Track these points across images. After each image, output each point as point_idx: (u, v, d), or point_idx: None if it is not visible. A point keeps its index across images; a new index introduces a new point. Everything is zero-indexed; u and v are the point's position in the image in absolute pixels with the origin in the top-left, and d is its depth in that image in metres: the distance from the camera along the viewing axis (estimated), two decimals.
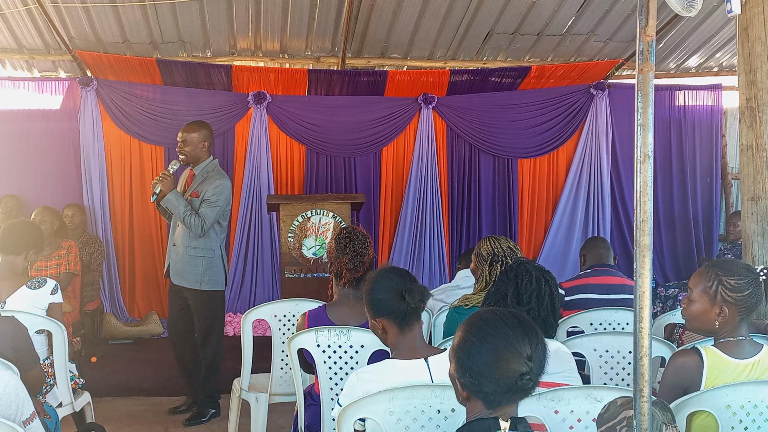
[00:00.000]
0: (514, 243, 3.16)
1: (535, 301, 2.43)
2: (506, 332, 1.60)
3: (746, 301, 2.26)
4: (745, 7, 3.45)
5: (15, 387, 2.16)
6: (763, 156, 3.45)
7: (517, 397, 1.61)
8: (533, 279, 2.46)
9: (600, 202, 7.26)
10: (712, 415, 2.12)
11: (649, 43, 1.53)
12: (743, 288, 2.26)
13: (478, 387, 1.60)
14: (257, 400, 3.67)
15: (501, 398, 1.59)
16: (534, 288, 2.44)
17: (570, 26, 6.36)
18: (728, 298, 2.27)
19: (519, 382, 1.57)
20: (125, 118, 6.72)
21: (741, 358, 2.23)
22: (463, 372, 1.63)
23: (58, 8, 5.70)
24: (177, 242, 4.36)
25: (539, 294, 2.44)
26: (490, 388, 1.58)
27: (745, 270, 2.31)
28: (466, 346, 1.64)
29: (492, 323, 1.64)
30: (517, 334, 1.60)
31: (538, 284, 2.45)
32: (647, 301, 1.54)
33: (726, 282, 2.28)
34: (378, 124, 7.06)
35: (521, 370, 1.56)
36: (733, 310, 2.27)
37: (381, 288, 2.34)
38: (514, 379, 1.56)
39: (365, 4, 5.87)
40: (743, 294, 2.26)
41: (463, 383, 1.63)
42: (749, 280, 2.27)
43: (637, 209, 1.54)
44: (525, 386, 1.57)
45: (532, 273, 2.47)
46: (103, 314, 6.34)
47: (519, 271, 2.49)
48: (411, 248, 7.09)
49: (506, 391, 1.58)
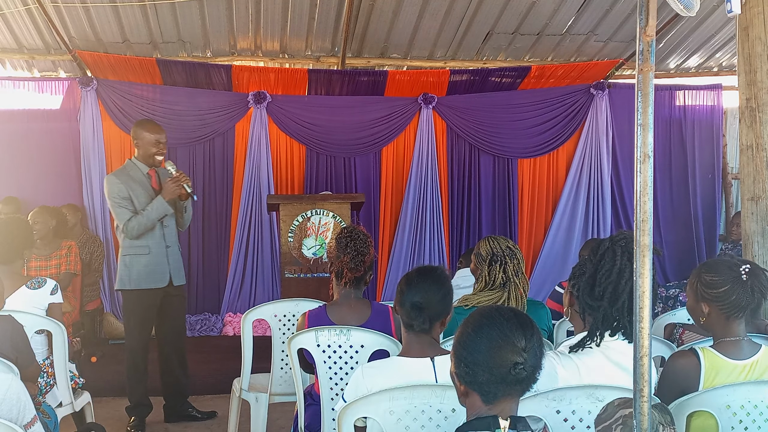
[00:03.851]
0: (513, 243, 3.15)
1: (608, 299, 2.08)
2: (501, 323, 1.63)
3: (723, 299, 2.23)
4: (745, 7, 3.45)
5: (17, 391, 2.16)
6: (763, 156, 3.45)
7: (512, 389, 1.62)
8: (614, 270, 2.08)
9: (600, 202, 7.26)
10: (711, 416, 2.12)
11: (649, 43, 1.53)
12: (718, 285, 2.24)
13: (473, 377, 1.63)
14: (257, 400, 3.67)
15: (496, 389, 1.61)
16: (612, 281, 2.08)
17: (570, 26, 6.36)
18: (705, 294, 2.27)
19: (513, 371, 1.58)
20: (125, 118, 6.72)
21: (739, 359, 2.22)
22: (458, 363, 1.66)
23: (58, 8, 5.70)
24: (171, 243, 4.34)
25: (615, 290, 2.07)
26: (484, 378, 1.60)
27: (726, 268, 2.26)
28: (462, 338, 1.67)
29: (488, 315, 1.67)
30: (511, 325, 1.62)
31: (618, 277, 2.07)
32: (647, 301, 1.54)
33: (703, 278, 2.29)
34: (378, 124, 7.06)
35: (514, 359, 1.58)
36: (713, 308, 2.26)
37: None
38: (507, 368, 1.58)
39: (365, 4, 5.87)
40: (718, 291, 2.24)
41: (459, 375, 1.66)
42: (727, 277, 2.24)
43: (637, 209, 1.54)
44: (519, 376, 1.59)
45: (616, 261, 2.07)
46: (103, 314, 6.34)
47: (604, 252, 2.12)
48: (411, 248, 7.09)
49: (500, 381, 1.60)
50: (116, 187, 4.19)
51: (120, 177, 4.23)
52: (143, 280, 4.21)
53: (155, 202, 4.21)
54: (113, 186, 4.20)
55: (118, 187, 4.19)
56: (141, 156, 4.30)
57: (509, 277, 2.98)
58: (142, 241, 4.21)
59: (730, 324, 2.26)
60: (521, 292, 2.99)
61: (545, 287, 7.12)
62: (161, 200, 4.22)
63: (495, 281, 3.00)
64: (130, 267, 4.20)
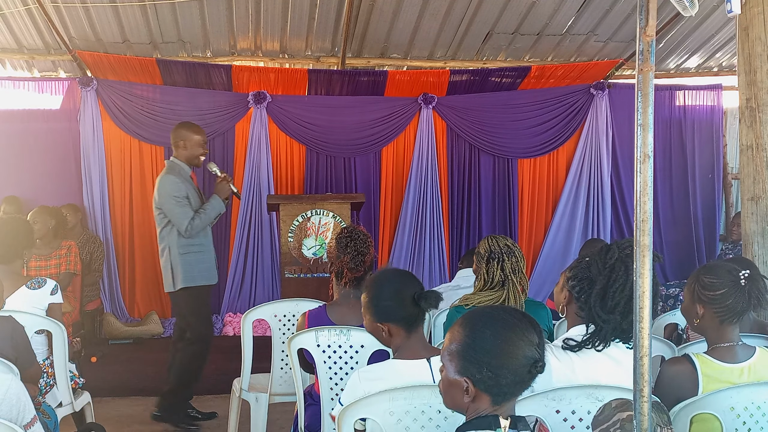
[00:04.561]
0: (513, 241, 3.15)
1: (620, 312, 2.02)
2: (514, 323, 1.62)
3: (720, 302, 2.22)
4: (745, 7, 3.45)
5: (17, 391, 2.15)
6: (763, 156, 3.45)
7: (524, 388, 1.63)
8: (627, 285, 1.99)
9: (600, 202, 7.27)
10: (714, 419, 2.11)
11: (649, 43, 1.53)
12: (716, 287, 2.23)
13: (495, 380, 1.59)
14: (257, 400, 3.67)
15: (514, 389, 1.61)
16: (626, 295, 2.00)
17: (570, 26, 6.36)
18: (702, 296, 2.26)
19: (533, 370, 1.59)
20: (125, 118, 6.72)
21: (734, 363, 2.21)
22: (479, 368, 1.60)
23: (58, 8, 5.71)
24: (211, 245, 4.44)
25: (627, 305, 1.96)
26: (508, 380, 1.59)
27: (726, 272, 2.25)
28: (478, 342, 1.62)
29: (498, 317, 1.65)
30: (523, 324, 1.62)
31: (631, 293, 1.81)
32: (647, 301, 1.53)
33: (701, 279, 2.27)
34: (378, 124, 7.06)
35: (534, 356, 1.59)
36: (708, 311, 2.25)
37: (389, 293, 2.29)
38: (528, 367, 1.59)
39: (365, 4, 5.87)
40: (716, 293, 2.22)
41: (477, 380, 1.61)
42: (726, 281, 2.22)
43: (637, 209, 1.54)
44: (538, 373, 1.59)
45: (630, 274, 1.97)
46: (103, 314, 6.35)
47: (617, 264, 2.03)
48: (411, 248, 7.10)
49: (521, 381, 1.60)
50: (177, 186, 4.19)
51: (179, 177, 4.24)
52: (204, 276, 4.30)
53: (213, 201, 4.27)
54: (175, 185, 4.19)
55: (179, 186, 4.19)
56: (185, 157, 4.32)
57: (507, 274, 2.98)
58: (197, 239, 4.26)
59: (724, 329, 2.24)
60: (520, 290, 2.99)
61: (545, 287, 7.12)
62: (218, 199, 4.28)
63: (494, 279, 3.00)
64: (193, 265, 4.25)
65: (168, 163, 4.37)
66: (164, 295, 6.88)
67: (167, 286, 4.32)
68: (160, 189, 4.21)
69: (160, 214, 4.26)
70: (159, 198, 4.22)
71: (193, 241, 4.24)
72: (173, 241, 4.24)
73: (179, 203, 4.17)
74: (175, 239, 4.23)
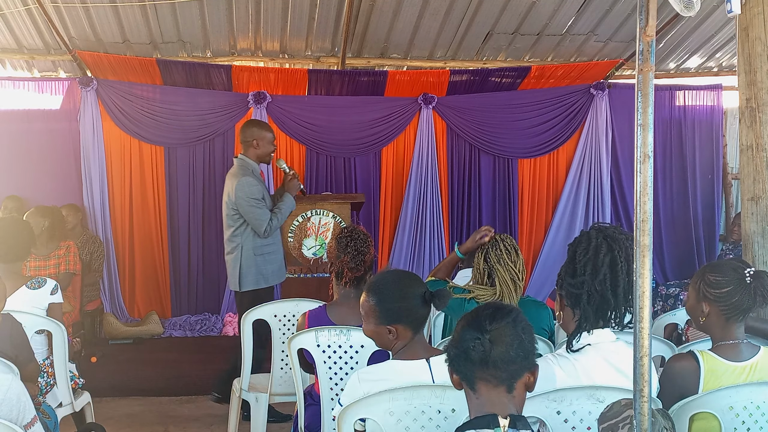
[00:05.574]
0: (505, 235, 3.14)
1: (589, 273, 2.12)
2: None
3: (725, 300, 2.23)
4: (745, 7, 3.45)
5: (17, 392, 2.15)
6: (763, 156, 3.45)
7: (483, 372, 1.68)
8: (590, 247, 2.14)
9: (600, 202, 7.27)
10: (713, 418, 2.11)
11: (649, 43, 1.53)
12: (721, 285, 2.25)
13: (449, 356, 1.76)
14: (257, 400, 3.67)
15: (466, 369, 1.70)
16: (590, 257, 2.13)
17: (570, 26, 6.36)
18: (707, 294, 2.27)
19: (471, 345, 1.68)
20: (125, 118, 6.72)
21: (738, 361, 2.22)
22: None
23: (58, 8, 5.70)
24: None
25: (594, 264, 2.11)
26: (453, 352, 1.74)
27: (731, 269, 2.27)
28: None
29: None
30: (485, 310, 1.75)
31: (595, 253, 2.12)
32: (647, 301, 1.54)
33: (706, 277, 2.29)
34: (378, 124, 7.06)
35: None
36: (714, 308, 2.26)
37: (399, 295, 2.27)
38: (468, 342, 1.69)
39: (365, 4, 5.87)
40: (721, 291, 2.24)
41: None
42: (731, 278, 2.24)
43: (637, 209, 1.54)
44: (476, 350, 1.67)
45: (591, 240, 2.15)
46: (103, 314, 6.34)
47: (580, 238, 2.20)
48: (411, 248, 7.10)
49: (463, 353, 1.71)
50: (255, 188, 4.19)
51: (254, 177, 4.23)
52: (276, 275, 4.35)
53: (287, 200, 4.28)
54: (253, 188, 4.18)
55: (257, 188, 4.20)
56: (256, 155, 4.32)
57: (491, 265, 2.99)
58: (271, 239, 4.28)
59: (729, 326, 2.25)
60: (509, 281, 2.97)
61: (545, 287, 7.13)
62: (291, 198, 4.28)
63: (480, 271, 3.02)
64: (267, 265, 4.28)
65: (238, 161, 4.35)
66: (164, 295, 6.90)
67: (233, 285, 4.33)
68: (239, 191, 4.17)
69: (235, 215, 4.25)
70: (237, 200, 4.19)
71: (267, 242, 4.27)
72: (247, 241, 4.24)
73: (258, 205, 4.16)
74: (251, 240, 4.23)
